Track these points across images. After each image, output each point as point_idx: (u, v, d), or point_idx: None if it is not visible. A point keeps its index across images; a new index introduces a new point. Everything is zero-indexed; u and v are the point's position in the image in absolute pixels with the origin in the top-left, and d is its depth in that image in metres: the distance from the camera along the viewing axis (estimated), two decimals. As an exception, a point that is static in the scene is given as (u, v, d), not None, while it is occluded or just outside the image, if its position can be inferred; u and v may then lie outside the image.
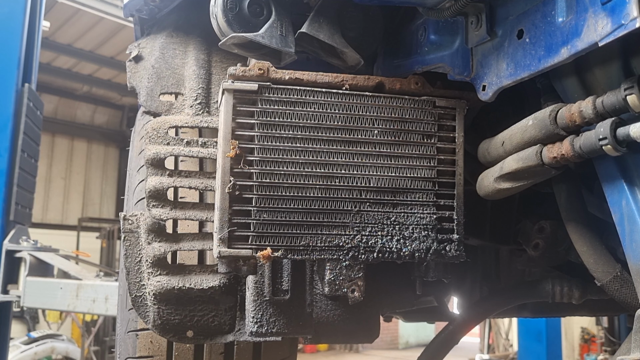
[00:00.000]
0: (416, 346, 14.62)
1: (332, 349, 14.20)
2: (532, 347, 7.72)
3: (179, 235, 1.59)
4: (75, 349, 8.09)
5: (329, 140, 1.37)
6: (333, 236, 1.35)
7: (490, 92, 1.29)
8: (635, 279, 1.15)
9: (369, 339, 1.66)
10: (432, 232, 1.41)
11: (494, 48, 1.28)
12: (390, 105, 1.41)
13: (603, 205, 1.40)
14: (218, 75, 1.83)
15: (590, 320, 10.22)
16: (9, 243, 4.36)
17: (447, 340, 2.14)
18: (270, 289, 1.51)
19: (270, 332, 1.51)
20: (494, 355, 11.37)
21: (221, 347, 1.71)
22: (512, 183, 1.36)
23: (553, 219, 1.71)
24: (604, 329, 9.26)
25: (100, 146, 14.74)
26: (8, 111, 4.40)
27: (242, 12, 1.42)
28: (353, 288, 1.39)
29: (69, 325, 10.85)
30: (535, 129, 1.25)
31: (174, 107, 1.75)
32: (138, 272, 1.55)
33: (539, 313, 2.39)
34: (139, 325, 1.68)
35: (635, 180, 1.16)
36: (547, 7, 1.13)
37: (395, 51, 1.64)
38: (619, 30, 0.95)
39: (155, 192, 1.53)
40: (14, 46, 4.54)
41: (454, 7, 1.26)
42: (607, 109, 1.09)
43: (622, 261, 1.27)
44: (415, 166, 1.41)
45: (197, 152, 1.60)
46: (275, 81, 1.36)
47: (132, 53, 1.84)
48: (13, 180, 4.37)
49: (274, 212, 1.33)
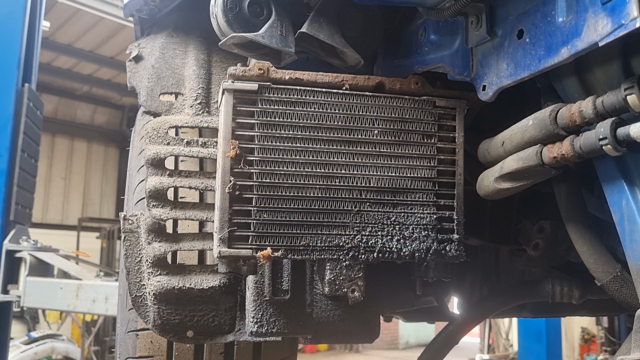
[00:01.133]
0: (416, 346, 14.62)
1: (332, 349, 14.19)
2: (532, 347, 7.73)
3: (179, 235, 1.59)
4: (75, 349, 8.09)
5: (329, 140, 1.37)
6: (333, 236, 1.35)
7: (491, 92, 1.29)
8: (635, 279, 1.15)
9: (369, 339, 1.66)
10: (432, 232, 1.41)
11: (494, 48, 1.28)
12: (390, 105, 1.41)
13: (603, 205, 1.40)
14: (218, 75, 1.83)
15: (590, 320, 10.22)
16: (9, 243, 4.36)
17: (447, 340, 2.14)
18: (270, 289, 1.51)
19: (270, 332, 1.51)
20: (494, 355, 11.37)
21: (221, 347, 1.71)
22: (512, 183, 1.36)
23: (553, 219, 1.71)
24: (604, 329, 9.26)
25: (100, 146, 14.74)
26: (8, 111, 4.40)
27: (242, 12, 1.42)
28: (353, 288, 1.39)
29: (69, 325, 10.85)
30: (535, 129, 1.25)
31: (174, 107, 1.75)
32: (138, 272, 1.55)
33: (539, 313, 2.39)
34: (139, 325, 1.68)
35: (635, 180, 1.16)
36: (547, 7, 1.13)
37: (395, 51, 1.64)
38: (619, 30, 0.95)
39: (156, 192, 1.53)
40: (14, 46, 4.54)
41: (454, 7, 1.26)
42: (607, 109, 1.09)
43: (622, 261, 1.27)
44: (415, 166, 1.41)
45: (197, 152, 1.60)
46: (275, 81, 1.36)
47: (132, 53, 1.84)
48: (13, 180, 4.37)
49: (274, 212, 1.32)
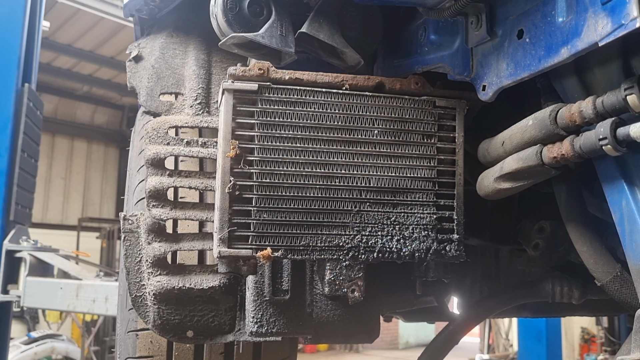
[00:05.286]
0: (416, 346, 14.62)
1: (332, 349, 14.19)
2: (532, 347, 7.72)
3: (179, 235, 1.59)
4: (75, 349, 8.09)
5: (329, 140, 1.37)
6: (333, 236, 1.35)
7: (490, 92, 1.29)
8: (635, 279, 1.15)
9: (369, 339, 1.66)
10: (432, 232, 1.41)
11: (494, 48, 1.28)
12: (390, 105, 1.41)
13: (603, 205, 1.40)
14: (218, 75, 1.83)
15: (590, 320, 10.22)
16: (9, 243, 4.37)
17: (447, 340, 2.14)
18: (270, 289, 1.52)
19: (270, 332, 1.51)
20: (494, 355, 11.37)
21: (221, 347, 1.71)
22: (512, 183, 1.35)
23: (553, 219, 1.71)
24: (604, 329, 9.26)
25: (100, 146, 14.74)
26: (8, 111, 4.41)
27: (242, 12, 1.42)
28: (353, 288, 1.39)
29: (69, 325, 10.85)
30: (535, 129, 1.25)
31: (174, 107, 1.75)
32: (138, 272, 1.55)
33: (539, 313, 2.39)
34: (139, 325, 1.68)
35: (635, 180, 1.16)
36: (547, 7, 1.13)
37: (395, 51, 1.64)
38: (619, 30, 0.95)
39: (155, 192, 1.53)
40: (14, 46, 4.54)
41: (454, 7, 1.26)
42: (607, 109, 1.09)
43: (622, 261, 1.27)
44: (415, 166, 1.41)
45: (197, 152, 1.60)
46: (275, 81, 1.36)
47: (132, 53, 1.84)
48: (13, 180, 4.37)
49: (274, 212, 1.32)
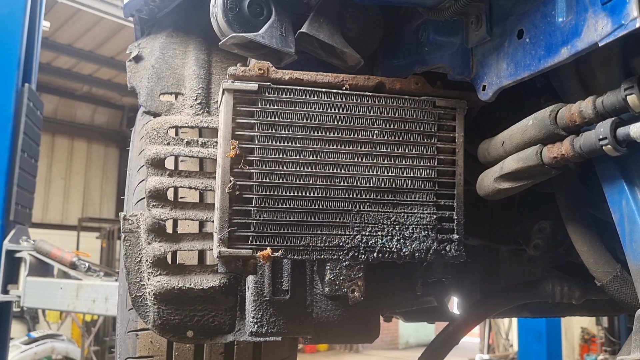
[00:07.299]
0: (416, 346, 14.62)
1: (332, 349, 14.19)
2: (532, 347, 7.72)
3: (179, 235, 1.59)
4: (75, 349, 8.09)
5: (329, 140, 1.37)
6: (333, 236, 1.35)
7: (490, 92, 1.29)
8: (635, 279, 1.15)
9: (369, 339, 1.66)
10: (432, 232, 1.41)
11: (494, 48, 1.28)
12: (390, 105, 1.41)
13: (603, 205, 1.40)
14: (218, 75, 1.83)
15: (590, 320, 10.22)
16: (9, 243, 4.37)
17: (447, 340, 2.14)
18: (270, 289, 1.51)
19: (270, 332, 1.51)
20: (494, 355, 11.38)
21: (221, 347, 1.71)
22: (512, 183, 1.35)
23: (553, 219, 1.71)
24: (604, 329, 9.26)
25: (100, 146, 14.74)
26: (8, 111, 4.41)
27: (242, 12, 1.42)
28: (353, 288, 1.39)
29: (69, 325, 10.85)
30: (535, 129, 1.25)
31: (174, 107, 1.75)
32: (138, 272, 1.55)
33: (539, 313, 2.39)
34: (139, 325, 1.68)
35: (635, 180, 1.16)
36: (547, 7, 1.13)
37: (395, 51, 1.64)
38: (619, 30, 0.95)
39: (155, 192, 1.53)
40: (14, 46, 4.54)
41: (454, 7, 1.26)
42: (607, 109, 1.09)
43: (622, 261, 1.27)
44: (415, 166, 1.41)
45: (197, 152, 1.60)
46: (275, 81, 1.36)
47: (132, 53, 1.84)
48: (13, 180, 4.37)
49: (274, 212, 1.32)
